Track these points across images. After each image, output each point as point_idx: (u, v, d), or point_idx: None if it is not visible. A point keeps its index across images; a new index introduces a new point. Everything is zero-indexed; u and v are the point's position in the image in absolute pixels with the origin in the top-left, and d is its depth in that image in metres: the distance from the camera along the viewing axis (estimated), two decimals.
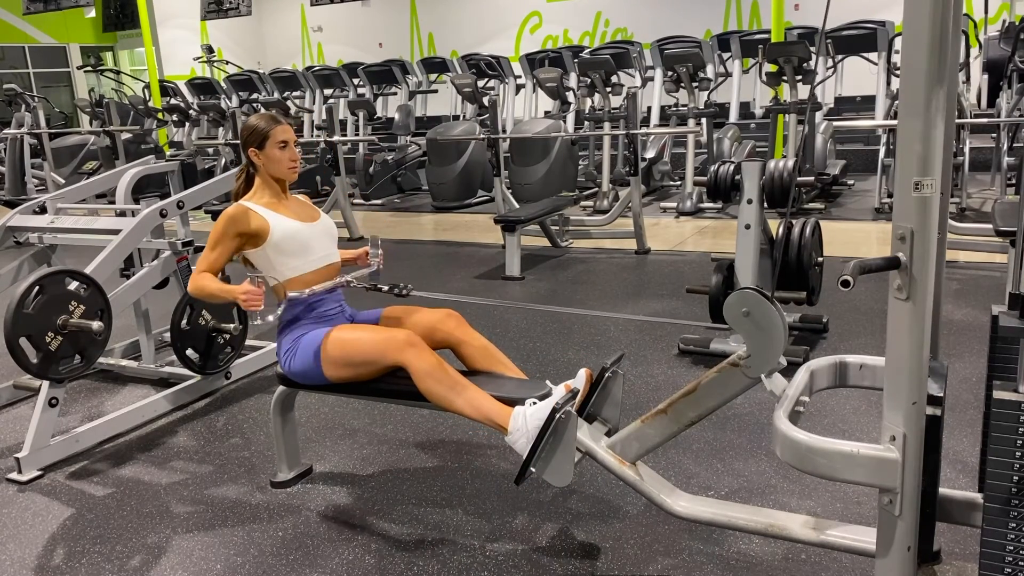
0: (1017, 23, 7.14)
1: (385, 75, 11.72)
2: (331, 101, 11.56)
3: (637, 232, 6.10)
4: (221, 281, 2.60)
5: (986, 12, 8.20)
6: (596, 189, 8.18)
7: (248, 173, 2.76)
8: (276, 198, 2.70)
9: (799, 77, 6.95)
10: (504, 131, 8.90)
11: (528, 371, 3.32)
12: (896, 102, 6.44)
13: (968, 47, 7.71)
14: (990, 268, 5.03)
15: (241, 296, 2.44)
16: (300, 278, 2.62)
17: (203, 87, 12.93)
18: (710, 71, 9.11)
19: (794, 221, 3.73)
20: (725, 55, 9.84)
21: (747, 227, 3.62)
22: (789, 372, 1.98)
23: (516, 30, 14.53)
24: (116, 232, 3.57)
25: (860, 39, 8.77)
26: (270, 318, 2.57)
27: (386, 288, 2.81)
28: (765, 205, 3.67)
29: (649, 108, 9.88)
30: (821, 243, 3.81)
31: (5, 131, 10.35)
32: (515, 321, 4.59)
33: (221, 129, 9.49)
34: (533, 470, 2.22)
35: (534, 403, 2.27)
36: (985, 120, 7.28)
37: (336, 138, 7.41)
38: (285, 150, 2.65)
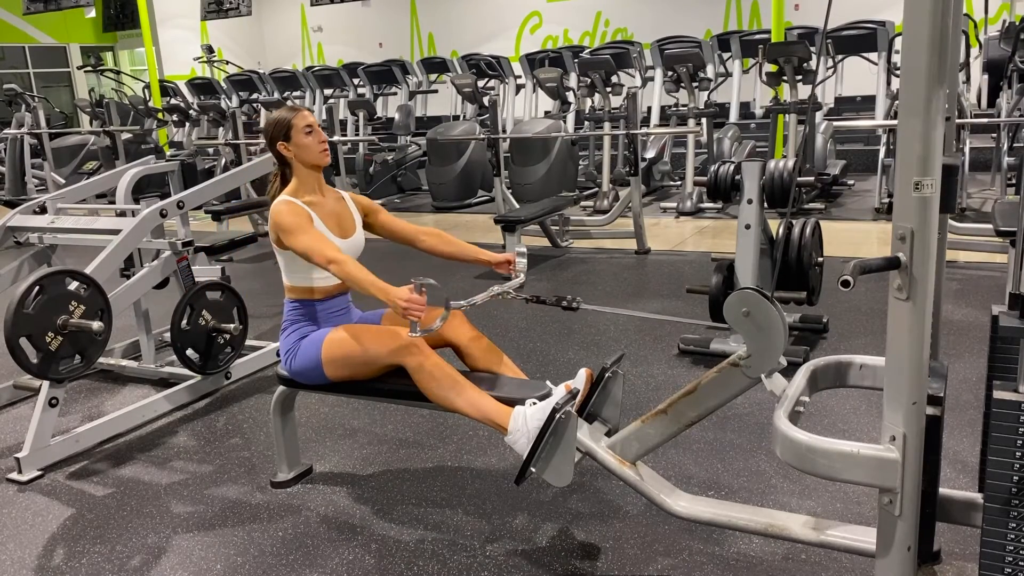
0: (1017, 23, 7.14)
1: (385, 75, 11.71)
2: (331, 101, 11.56)
3: (637, 232, 6.10)
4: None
5: (986, 12, 8.19)
6: (596, 189, 8.18)
7: (283, 174, 2.69)
8: (314, 195, 2.63)
9: (799, 77, 6.95)
10: (504, 131, 8.89)
11: (528, 371, 3.32)
12: (896, 102, 6.43)
13: (968, 47, 7.71)
14: (990, 268, 5.03)
15: (402, 304, 2.24)
16: (322, 288, 2.60)
17: (203, 87, 12.93)
18: (710, 71, 9.12)
19: (794, 221, 3.73)
20: (725, 55, 9.84)
21: (747, 227, 3.62)
22: (789, 372, 1.98)
23: (516, 30, 14.53)
24: (116, 232, 3.57)
25: (860, 39, 8.76)
26: (433, 327, 2.35)
27: (552, 301, 2.56)
28: (765, 205, 3.67)
29: (649, 108, 9.87)
30: (821, 243, 3.81)
31: (5, 131, 10.35)
32: (515, 321, 4.59)
33: (221, 129, 9.49)
34: (533, 470, 2.22)
35: (534, 403, 2.27)
36: (985, 120, 7.27)
37: (336, 138, 7.41)
38: (312, 134, 2.60)
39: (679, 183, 8.57)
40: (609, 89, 8.09)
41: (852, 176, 8.23)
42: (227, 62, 14.31)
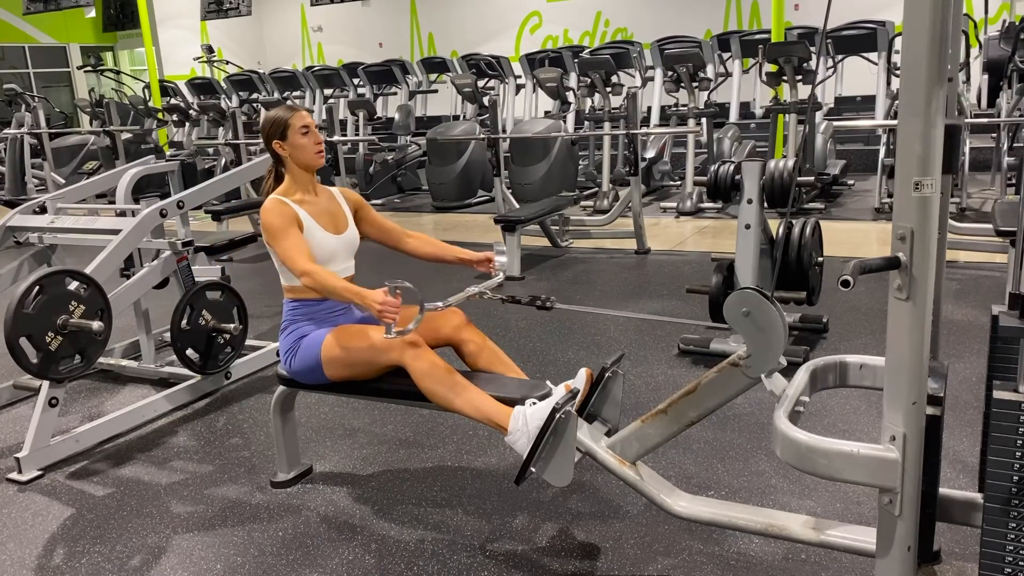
0: (1017, 23, 7.14)
1: (385, 75, 11.71)
2: (331, 101, 11.55)
3: (637, 232, 6.10)
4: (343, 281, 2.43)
5: (986, 12, 8.20)
6: (596, 189, 8.18)
7: (277, 171, 2.71)
8: (307, 194, 2.65)
9: (799, 77, 6.95)
10: (504, 131, 8.89)
11: (528, 371, 3.32)
12: (896, 102, 6.43)
13: (968, 47, 7.70)
14: (990, 268, 5.03)
15: (377, 306, 2.27)
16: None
17: (203, 87, 12.93)
18: (710, 71, 9.11)
19: (794, 221, 3.73)
20: (725, 55, 9.84)
21: (747, 227, 3.62)
22: (789, 372, 1.98)
23: (516, 30, 14.53)
24: (116, 232, 3.56)
25: (860, 39, 8.77)
26: (408, 329, 2.34)
27: (526, 300, 2.56)
28: (765, 205, 3.67)
29: (649, 108, 9.87)
30: (821, 243, 3.81)
31: (5, 131, 10.35)
32: (515, 321, 4.59)
33: (221, 129, 9.49)
34: (533, 470, 2.22)
35: (534, 403, 2.27)
36: (985, 120, 7.27)
37: (336, 138, 7.41)
38: (308, 135, 2.62)
39: (679, 183, 8.57)
40: (609, 89, 8.09)
41: (852, 176, 8.24)
42: (227, 62, 14.31)
